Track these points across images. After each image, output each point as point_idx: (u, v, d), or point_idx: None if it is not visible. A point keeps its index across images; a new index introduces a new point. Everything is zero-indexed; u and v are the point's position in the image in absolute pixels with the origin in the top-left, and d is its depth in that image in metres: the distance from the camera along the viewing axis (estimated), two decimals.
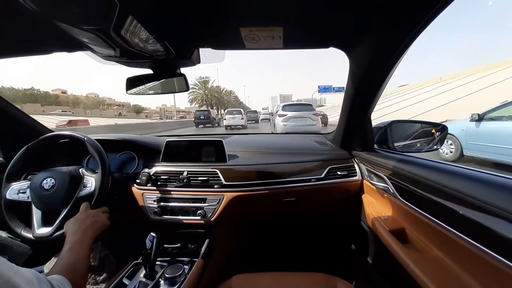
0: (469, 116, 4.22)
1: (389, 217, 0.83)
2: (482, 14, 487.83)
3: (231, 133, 1.63)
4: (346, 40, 0.76)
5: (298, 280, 0.76)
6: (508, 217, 0.41)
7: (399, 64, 0.73)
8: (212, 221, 0.97)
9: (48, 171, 0.83)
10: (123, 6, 0.47)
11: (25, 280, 0.36)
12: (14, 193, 0.82)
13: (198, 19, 0.65)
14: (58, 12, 0.48)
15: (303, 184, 1.04)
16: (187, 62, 0.86)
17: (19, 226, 0.80)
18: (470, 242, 0.49)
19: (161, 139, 1.22)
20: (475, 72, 18.16)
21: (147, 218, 1.00)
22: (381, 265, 0.96)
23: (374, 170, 0.95)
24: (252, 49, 0.79)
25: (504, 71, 14.31)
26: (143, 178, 1.00)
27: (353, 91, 0.91)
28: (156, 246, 0.72)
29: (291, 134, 2.60)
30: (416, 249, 0.68)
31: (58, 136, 0.90)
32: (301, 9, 0.61)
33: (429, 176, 0.63)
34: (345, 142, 1.17)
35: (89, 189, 0.82)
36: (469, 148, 4.21)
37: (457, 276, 0.53)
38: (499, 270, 0.42)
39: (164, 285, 0.74)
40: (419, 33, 0.58)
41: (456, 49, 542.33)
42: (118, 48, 0.64)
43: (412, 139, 1.09)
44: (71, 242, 0.62)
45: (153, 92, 0.96)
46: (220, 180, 1.00)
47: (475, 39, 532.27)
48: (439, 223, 0.58)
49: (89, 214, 0.73)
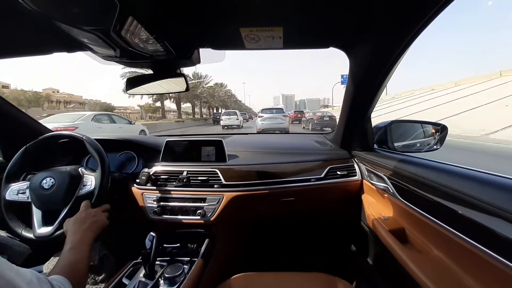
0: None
1: (389, 217, 0.83)
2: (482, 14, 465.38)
3: (231, 133, 1.63)
4: (346, 40, 0.76)
5: (298, 280, 0.76)
6: (508, 217, 0.41)
7: (399, 65, 0.73)
8: (211, 220, 0.97)
9: (48, 170, 0.83)
10: (123, 6, 0.47)
11: (26, 281, 0.37)
12: (13, 193, 0.82)
13: (198, 20, 0.65)
14: (58, 12, 0.48)
15: (303, 184, 1.04)
16: (187, 62, 0.86)
17: (20, 227, 0.80)
18: (470, 242, 0.49)
19: (161, 139, 1.22)
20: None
21: (147, 218, 1.00)
22: (381, 265, 0.96)
23: (374, 170, 0.95)
24: (252, 49, 0.79)
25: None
26: (143, 177, 1.00)
27: (353, 91, 0.91)
28: (156, 245, 0.73)
29: (291, 134, 2.60)
30: (416, 249, 0.68)
31: (57, 136, 0.90)
32: (301, 9, 0.61)
33: (429, 176, 0.63)
34: (345, 142, 1.17)
35: (89, 187, 0.82)
36: None
37: (457, 276, 0.53)
38: (499, 270, 0.42)
39: (163, 284, 0.74)
40: (419, 33, 0.59)
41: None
42: (118, 48, 0.64)
43: (412, 139, 1.09)
44: (71, 241, 0.62)
45: (153, 92, 0.96)
46: (220, 180, 1.00)
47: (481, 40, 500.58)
48: (439, 223, 0.58)
49: (89, 213, 0.73)
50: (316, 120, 12.88)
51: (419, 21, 0.54)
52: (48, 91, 25.13)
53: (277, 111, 10.76)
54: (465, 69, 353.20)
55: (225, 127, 15.57)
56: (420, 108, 14.51)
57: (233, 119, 15.94)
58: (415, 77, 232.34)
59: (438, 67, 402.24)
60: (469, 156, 4.98)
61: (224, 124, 15.71)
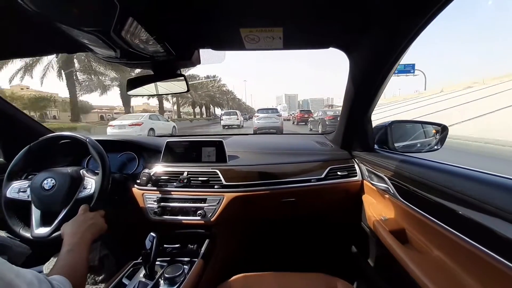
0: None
1: (389, 217, 0.83)
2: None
3: (231, 134, 1.64)
4: (346, 40, 0.76)
5: (298, 280, 0.76)
6: (508, 217, 0.41)
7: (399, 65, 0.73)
8: (212, 221, 0.97)
9: (49, 171, 0.83)
10: (123, 7, 0.47)
11: (26, 282, 0.37)
12: (14, 191, 0.82)
13: (198, 20, 0.66)
14: (59, 13, 0.48)
15: (303, 185, 1.04)
16: (187, 63, 0.86)
17: (18, 225, 0.80)
18: (470, 242, 0.48)
19: (161, 140, 1.22)
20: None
21: (147, 218, 1.00)
22: (381, 265, 0.96)
23: (375, 170, 0.95)
24: (252, 49, 0.79)
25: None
26: (143, 178, 1.00)
27: (353, 91, 0.91)
28: (156, 246, 0.72)
29: (291, 134, 2.60)
30: (416, 250, 0.68)
31: (60, 137, 0.91)
32: (301, 10, 0.61)
33: (429, 176, 0.63)
34: (346, 143, 1.17)
35: (88, 191, 0.82)
36: None
37: (457, 276, 0.53)
38: (499, 270, 0.42)
39: (163, 285, 0.74)
40: (419, 33, 0.58)
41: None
42: (119, 49, 0.64)
43: (413, 139, 1.09)
44: (69, 244, 0.62)
45: (153, 93, 0.96)
46: (220, 180, 1.00)
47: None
48: (439, 223, 0.57)
49: (88, 217, 0.73)
50: (329, 121, 10.97)
51: (419, 21, 0.54)
52: (16, 88, 22.46)
53: (272, 111, 11.79)
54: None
55: (225, 127, 15.73)
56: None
57: (233, 119, 16.15)
58: (415, 77, 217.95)
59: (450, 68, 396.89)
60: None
61: (225, 124, 15.87)
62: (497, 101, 11.07)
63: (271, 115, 11.29)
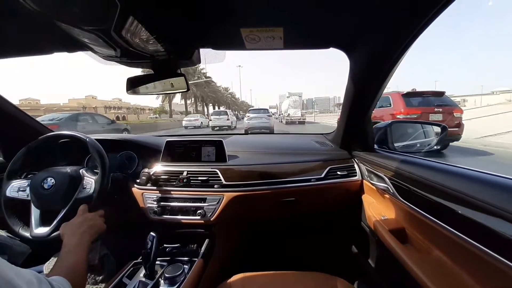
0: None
1: (389, 217, 0.83)
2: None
3: (232, 133, 1.64)
4: (346, 40, 0.76)
5: (298, 279, 0.76)
6: (508, 217, 0.41)
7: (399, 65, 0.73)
8: (212, 221, 0.97)
9: (49, 171, 0.83)
10: (123, 6, 0.47)
11: (26, 281, 0.36)
12: (14, 190, 0.82)
13: (198, 20, 0.65)
14: (59, 12, 0.48)
15: (303, 184, 1.04)
16: (188, 62, 0.86)
17: (18, 224, 0.80)
18: (470, 242, 0.49)
19: (161, 139, 1.22)
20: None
21: (147, 218, 1.00)
22: (381, 265, 0.96)
23: (374, 170, 0.95)
24: (253, 49, 0.79)
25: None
26: (143, 178, 1.00)
27: (353, 91, 0.91)
28: (156, 245, 0.73)
29: (291, 134, 2.60)
30: (416, 249, 0.68)
31: (59, 136, 0.90)
32: (301, 10, 0.61)
33: (429, 176, 0.63)
34: (345, 142, 1.17)
35: (88, 190, 0.82)
36: None
37: (457, 276, 0.53)
38: (499, 270, 0.42)
39: (164, 284, 0.74)
40: (420, 33, 0.59)
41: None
42: (119, 48, 0.64)
43: (412, 139, 1.09)
44: (69, 245, 0.62)
45: (153, 92, 0.96)
46: (220, 180, 1.00)
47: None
48: (439, 223, 0.58)
49: (87, 218, 0.73)
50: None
51: (419, 21, 0.54)
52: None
53: (263, 111, 12.04)
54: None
55: (215, 128, 14.28)
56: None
57: (223, 119, 14.55)
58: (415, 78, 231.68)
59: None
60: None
61: (214, 125, 14.40)
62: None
63: (262, 115, 11.51)
